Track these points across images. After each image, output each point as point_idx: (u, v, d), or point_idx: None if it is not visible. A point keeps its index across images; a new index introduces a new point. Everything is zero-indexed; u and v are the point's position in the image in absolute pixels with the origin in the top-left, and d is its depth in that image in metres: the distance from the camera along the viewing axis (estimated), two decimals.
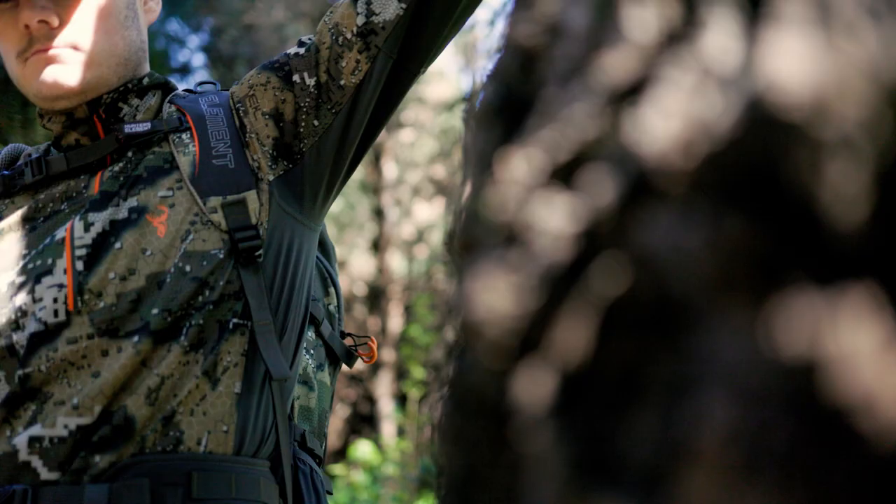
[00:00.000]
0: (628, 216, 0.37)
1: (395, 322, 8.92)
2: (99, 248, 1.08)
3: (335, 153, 1.18)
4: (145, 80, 1.21)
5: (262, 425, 1.12)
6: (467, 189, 0.46)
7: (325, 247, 1.50)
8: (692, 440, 0.31)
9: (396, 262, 9.95)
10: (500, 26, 0.50)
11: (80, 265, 1.08)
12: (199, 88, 1.28)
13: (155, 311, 1.06)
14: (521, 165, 0.41)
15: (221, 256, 1.10)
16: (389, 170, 10.08)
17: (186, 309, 1.07)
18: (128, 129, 1.15)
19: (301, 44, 1.21)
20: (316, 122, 1.17)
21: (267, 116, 1.18)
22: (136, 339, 1.05)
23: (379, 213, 9.95)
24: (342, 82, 1.16)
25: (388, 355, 8.28)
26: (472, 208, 0.44)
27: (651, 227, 0.36)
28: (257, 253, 1.11)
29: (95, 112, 1.17)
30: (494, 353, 0.39)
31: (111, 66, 1.16)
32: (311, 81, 1.18)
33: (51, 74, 1.13)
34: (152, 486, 1.00)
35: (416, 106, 10.64)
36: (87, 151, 1.16)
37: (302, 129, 1.17)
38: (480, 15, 12.01)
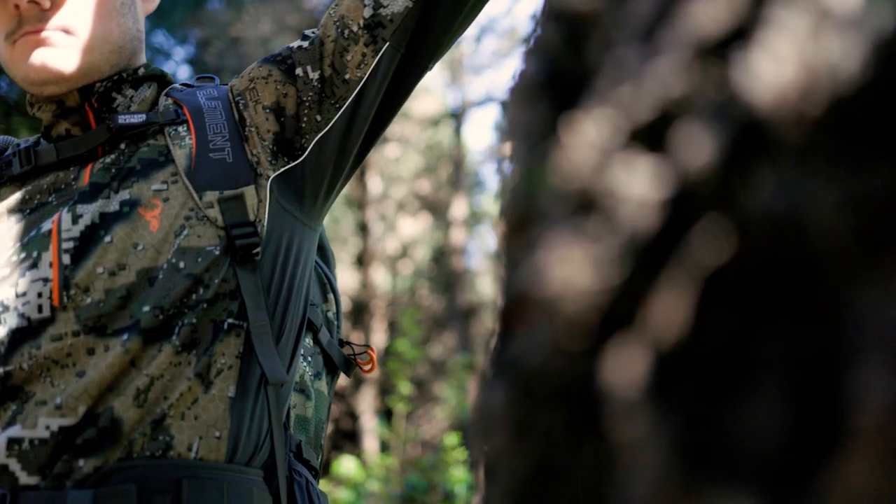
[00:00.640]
0: (732, 175, 0.32)
1: (379, 337, 8.85)
2: (87, 242, 1.03)
3: (338, 150, 1.13)
4: (141, 71, 1.15)
5: (256, 432, 1.06)
6: (516, 166, 0.42)
7: (324, 252, 1.45)
8: (846, 420, 0.26)
9: (381, 278, 9.89)
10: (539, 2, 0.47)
11: (66, 258, 1.02)
12: (196, 82, 1.23)
13: (146, 308, 1.00)
14: (594, 130, 0.36)
15: (217, 253, 1.04)
16: (374, 184, 10.03)
17: (179, 307, 1.01)
18: (121, 119, 1.10)
19: (304, 37, 1.16)
20: (318, 117, 1.12)
21: (268, 110, 1.13)
22: (125, 337, 0.99)
23: (363, 228, 9.89)
24: (347, 76, 1.11)
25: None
26: (526, 184, 0.40)
27: (762, 186, 0.31)
28: (255, 251, 1.06)
29: (87, 101, 1.12)
30: (574, 333, 0.34)
31: (104, 52, 1.11)
32: (314, 75, 1.13)
33: (39, 58, 1.07)
34: (140, 494, 0.94)
35: (401, 121, 10.61)
36: (77, 142, 1.11)
37: (304, 125, 1.12)
38: (467, 31, 12.01)
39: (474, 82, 12.37)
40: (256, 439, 1.06)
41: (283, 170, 1.12)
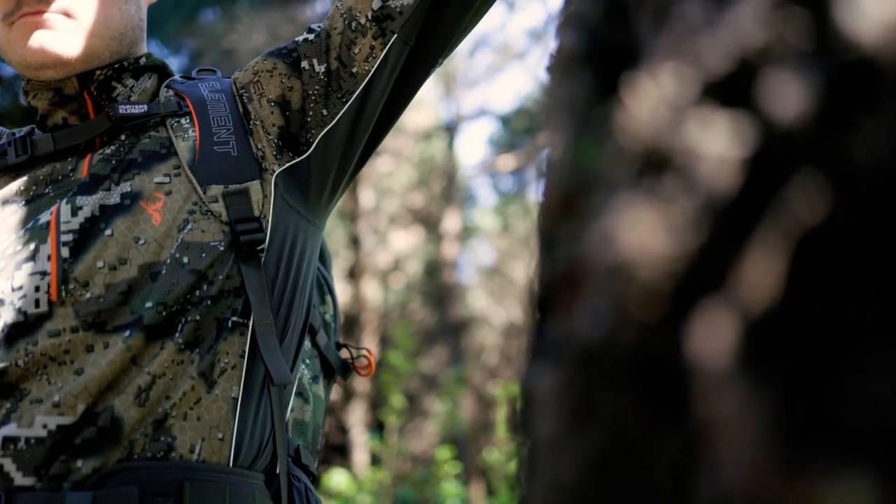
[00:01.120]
0: (830, 126, 0.29)
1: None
2: (87, 235, 0.99)
3: (344, 146, 1.10)
4: (142, 61, 1.12)
5: (259, 435, 1.02)
6: (561, 139, 0.39)
7: (322, 253, 1.42)
8: None
9: (372, 291, 9.84)
10: None
11: (65, 252, 0.98)
12: (197, 75, 1.19)
13: (149, 304, 0.97)
14: (663, 87, 0.34)
15: (222, 249, 1.01)
16: (366, 197, 10.00)
17: (183, 303, 0.98)
18: (122, 109, 1.06)
19: (310, 30, 1.13)
20: (324, 112, 1.09)
21: (273, 104, 1.10)
22: (126, 333, 0.96)
23: (355, 241, 9.84)
24: (354, 70, 1.09)
25: (361, 385, 8.15)
26: (576, 155, 0.37)
27: (867, 135, 0.28)
28: (259, 247, 1.02)
29: (86, 89, 1.08)
30: (649, 302, 0.31)
31: (105, 39, 1.08)
32: (320, 68, 1.10)
33: (38, 40, 1.04)
34: (141, 496, 0.91)
35: (394, 134, 10.59)
36: (75, 132, 1.07)
37: (309, 119, 1.09)
38: (461, 45, 12.04)
39: (468, 96, 12.38)
40: (259, 442, 1.02)
41: (288, 165, 1.09)
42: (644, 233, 0.31)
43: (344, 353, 1.41)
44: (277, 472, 1.04)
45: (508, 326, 12.10)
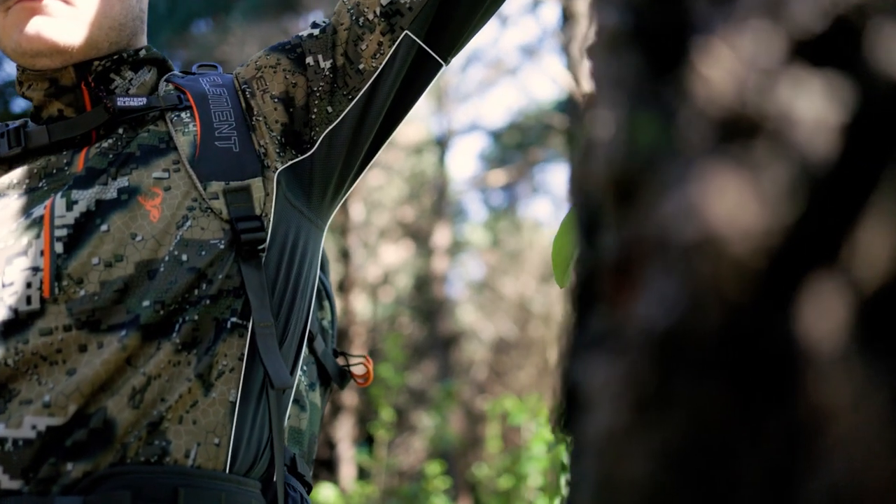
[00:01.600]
0: None
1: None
2: (82, 230, 0.96)
3: (349, 145, 1.07)
4: (142, 53, 1.09)
5: (257, 441, 0.98)
6: (611, 119, 0.36)
7: (320, 258, 1.38)
8: None
9: (361, 305, 9.79)
10: None
11: (59, 247, 0.95)
12: (198, 70, 1.16)
13: (146, 302, 0.93)
14: (746, 49, 0.30)
15: (222, 247, 0.97)
16: (357, 211, 9.96)
17: (181, 303, 0.94)
18: (121, 102, 1.03)
19: (315, 25, 1.10)
20: (329, 109, 1.06)
21: (276, 100, 1.06)
22: (122, 332, 0.92)
23: (345, 255, 9.79)
24: (361, 66, 1.05)
25: (349, 399, 8.09)
26: (632, 133, 0.34)
27: None
28: (260, 247, 0.99)
29: (84, 79, 1.04)
30: (740, 279, 0.27)
31: (104, 28, 1.04)
32: (326, 64, 1.07)
33: (34, 26, 1.00)
34: (133, 502, 0.87)
35: (385, 147, 10.56)
36: (71, 124, 1.03)
37: (314, 116, 1.06)
38: (453, 60, 12.05)
39: (459, 111, 12.38)
40: (256, 448, 0.98)
41: (291, 163, 1.05)
42: (733, 205, 0.28)
43: (341, 361, 1.37)
44: (274, 480, 1.00)
45: (498, 341, 12.06)
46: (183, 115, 1.05)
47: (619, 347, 0.32)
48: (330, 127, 1.06)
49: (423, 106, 11.68)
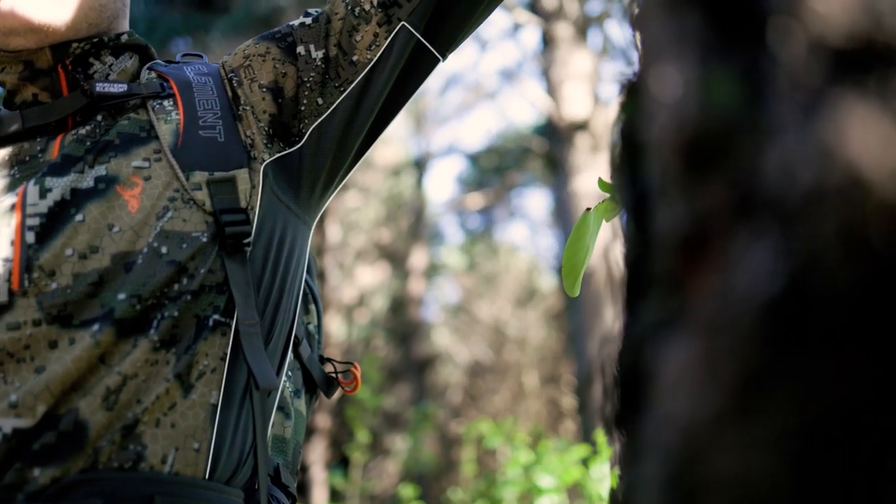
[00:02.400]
0: None
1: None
2: (55, 219, 0.90)
3: (339, 138, 1.02)
4: (123, 38, 1.03)
5: (239, 446, 0.92)
6: (676, 81, 0.31)
7: (307, 260, 1.32)
8: None
9: (336, 326, 9.69)
10: None
11: (30, 237, 0.89)
12: (182, 59, 1.11)
13: (121, 296, 0.87)
14: None
15: (204, 240, 0.92)
16: (333, 232, 9.89)
17: (159, 297, 0.88)
18: (99, 87, 0.97)
19: (308, 14, 1.06)
20: (320, 101, 1.01)
21: (264, 90, 1.01)
22: (95, 328, 0.86)
23: (320, 276, 9.71)
24: (355, 58, 1.01)
25: (322, 421, 7.99)
26: (707, 91, 0.30)
27: None
28: (245, 240, 0.93)
29: (61, 62, 0.98)
30: (891, 227, 0.22)
31: (83, 8, 0.98)
32: (318, 54, 1.02)
33: (8, 2, 0.94)
34: None
35: (362, 169, 10.52)
36: (46, 109, 0.98)
37: (303, 108, 1.01)
38: (432, 82, 12.07)
39: (437, 133, 12.37)
40: (239, 455, 0.92)
41: (278, 155, 1.00)
42: (875, 142, 0.23)
43: (328, 368, 1.31)
44: (257, 489, 0.94)
45: (473, 365, 11.99)
46: (165, 103, 1.00)
47: (698, 328, 0.27)
48: (319, 119, 1.02)
49: (401, 128, 11.66)
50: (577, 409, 8.80)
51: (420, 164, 11.80)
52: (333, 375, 1.30)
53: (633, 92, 0.42)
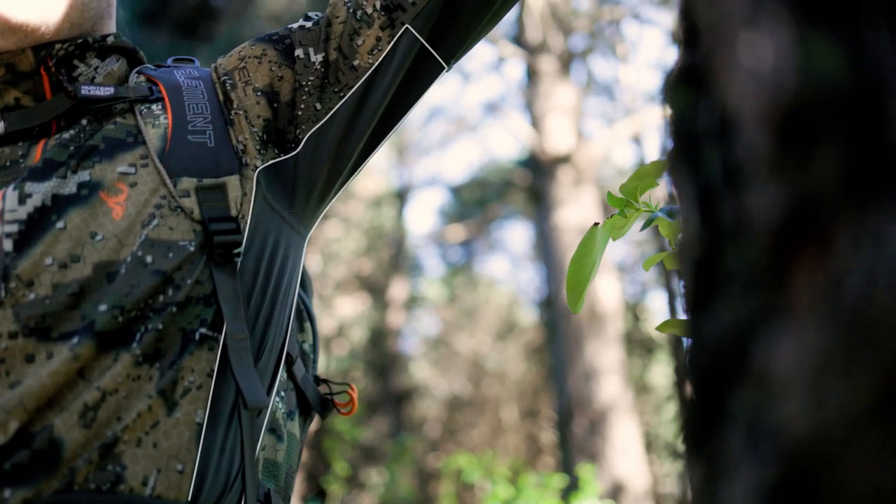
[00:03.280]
0: None
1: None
2: (35, 227, 0.85)
3: (337, 146, 0.98)
4: (110, 39, 0.98)
5: (226, 469, 0.87)
6: (768, 49, 0.27)
7: (301, 275, 1.26)
8: None
9: None
10: None
11: (8, 244, 0.84)
12: (172, 63, 1.06)
13: (103, 307, 0.82)
14: None
15: (192, 249, 0.87)
16: (313, 262, 9.83)
17: (143, 309, 0.83)
18: (85, 90, 0.92)
19: (307, 18, 1.02)
20: (318, 106, 0.97)
21: (259, 93, 0.97)
22: (74, 340, 0.81)
23: None
24: (356, 62, 0.97)
25: None
26: (805, 62, 0.26)
27: None
28: (235, 251, 0.89)
29: (43, 64, 0.94)
30: None
31: (64, 6, 0.93)
32: (317, 58, 0.98)
33: None
34: None
35: (344, 199, 10.49)
36: (29, 113, 0.93)
37: (300, 113, 0.97)
38: (415, 114, 12.07)
39: (419, 165, 12.36)
40: (225, 478, 0.87)
41: (272, 162, 0.96)
42: None
43: (323, 389, 1.25)
44: None
45: (451, 398, 11.90)
46: (154, 106, 0.95)
47: (818, 320, 0.23)
48: (317, 125, 0.97)
49: (383, 158, 11.65)
50: (557, 444, 8.73)
51: (402, 196, 11.78)
52: (329, 397, 1.24)
53: (684, 81, 0.38)
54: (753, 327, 0.27)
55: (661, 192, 0.92)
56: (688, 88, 0.37)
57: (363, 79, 0.97)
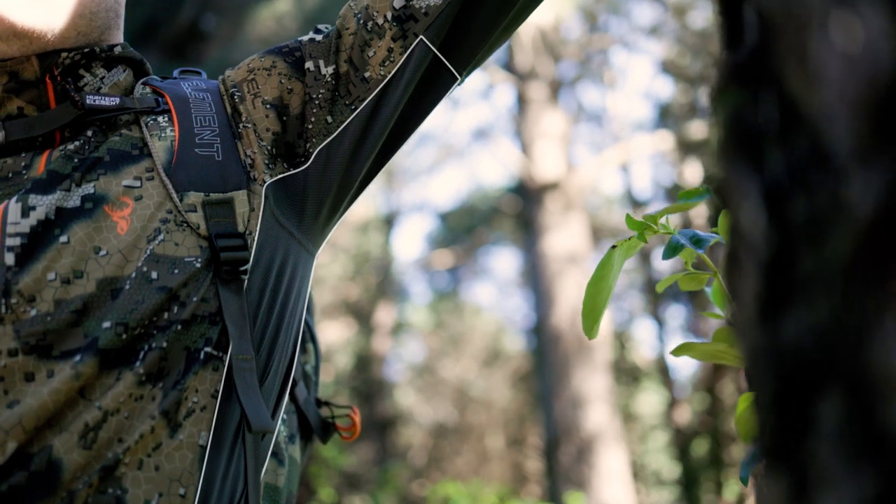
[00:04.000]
0: None
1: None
2: (38, 240, 0.82)
3: (348, 160, 0.96)
4: (117, 50, 0.96)
5: (229, 494, 0.84)
6: (857, 29, 0.26)
7: None
8: None
9: None
10: None
11: (10, 258, 0.81)
12: (179, 75, 1.04)
13: (106, 324, 0.79)
14: None
15: (198, 266, 0.84)
16: None
17: (147, 326, 0.81)
18: (90, 99, 0.90)
19: (317, 30, 1.00)
20: (329, 119, 0.95)
21: (268, 106, 0.95)
22: (76, 358, 0.78)
23: None
24: (367, 74, 0.95)
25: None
26: None
27: None
28: (242, 268, 0.86)
29: (49, 73, 0.91)
30: None
31: (70, 14, 0.91)
32: (327, 70, 0.96)
33: None
34: None
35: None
36: (32, 122, 0.90)
37: (310, 127, 0.95)
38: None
39: (407, 190, 12.35)
40: (228, 503, 0.84)
41: (281, 176, 0.93)
42: None
43: (324, 412, 1.22)
44: None
45: (436, 426, 11.83)
46: (160, 119, 0.93)
47: None
48: (328, 139, 0.95)
49: (371, 184, 11.64)
50: (544, 472, 8.68)
51: (389, 221, 11.77)
52: (330, 420, 1.21)
53: (736, 79, 0.37)
54: (842, 328, 0.25)
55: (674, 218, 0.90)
56: (741, 86, 0.35)
57: (375, 91, 0.95)
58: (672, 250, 0.80)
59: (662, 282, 0.94)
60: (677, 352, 0.91)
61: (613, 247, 0.85)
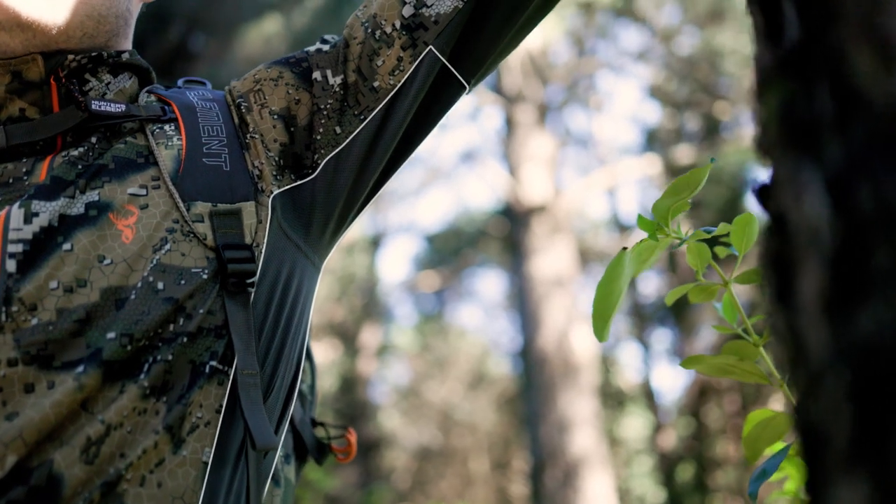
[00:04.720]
0: None
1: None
2: (40, 248, 0.80)
3: (357, 171, 0.94)
4: (125, 56, 0.94)
5: None
6: None
7: None
8: None
9: None
10: None
11: (11, 265, 0.79)
12: (184, 85, 1.02)
13: (111, 335, 0.77)
14: None
15: (205, 277, 0.82)
16: None
17: (152, 338, 0.78)
18: (96, 105, 0.88)
19: (324, 41, 0.98)
20: (338, 130, 0.94)
21: (276, 117, 0.94)
22: (79, 369, 0.75)
23: None
24: (376, 84, 0.94)
25: None
26: None
27: None
28: (249, 280, 0.84)
29: (54, 74, 0.89)
30: None
31: (78, 13, 0.89)
32: (335, 80, 0.94)
33: None
34: None
35: None
36: (35, 126, 0.88)
37: (319, 137, 0.93)
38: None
39: (394, 212, 12.33)
40: None
41: (288, 187, 0.92)
42: None
43: (320, 432, 1.20)
44: None
45: (421, 449, 11.76)
46: (166, 127, 0.91)
47: None
48: (336, 150, 0.94)
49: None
50: (529, 496, 8.63)
51: (375, 242, 11.74)
52: (326, 441, 1.19)
53: (784, 72, 0.35)
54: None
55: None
56: (788, 79, 0.34)
57: (385, 101, 0.94)
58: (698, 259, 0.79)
59: (671, 294, 0.93)
60: (686, 364, 0.89)
61: (624, 249, 0.84)
